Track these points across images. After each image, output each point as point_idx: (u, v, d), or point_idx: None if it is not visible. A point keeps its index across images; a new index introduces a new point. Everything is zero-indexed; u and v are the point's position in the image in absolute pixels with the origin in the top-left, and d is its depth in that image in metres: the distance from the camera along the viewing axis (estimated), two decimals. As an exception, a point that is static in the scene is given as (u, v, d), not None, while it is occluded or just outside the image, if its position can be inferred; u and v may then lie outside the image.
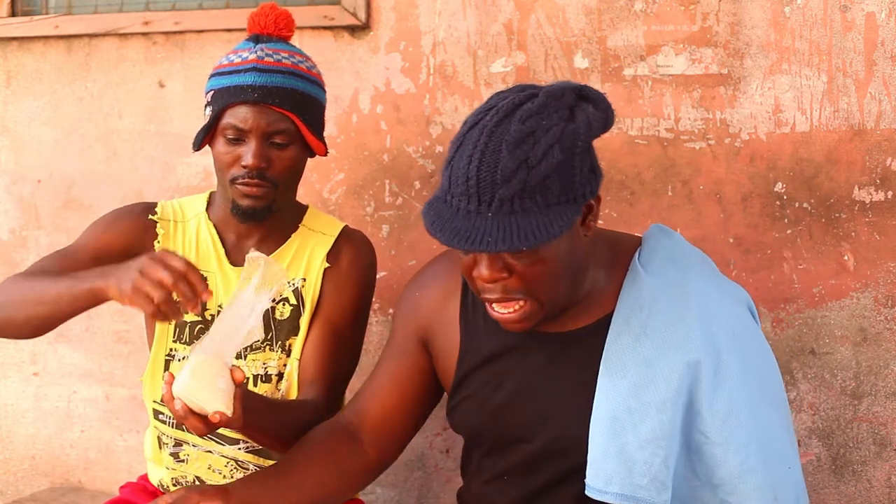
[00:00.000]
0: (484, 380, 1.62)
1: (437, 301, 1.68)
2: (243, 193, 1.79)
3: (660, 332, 1.50)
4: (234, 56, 1.83)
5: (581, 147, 1.40)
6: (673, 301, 1.52)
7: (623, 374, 1.49)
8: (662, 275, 1.56)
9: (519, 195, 1.36)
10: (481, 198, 1.37)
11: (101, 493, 2.55)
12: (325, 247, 1.91)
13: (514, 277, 1.43)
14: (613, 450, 1.47)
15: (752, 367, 1.53)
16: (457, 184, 1.39)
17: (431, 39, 2.30)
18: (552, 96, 1.41)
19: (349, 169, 2.37)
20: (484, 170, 1.36)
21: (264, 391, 1.87)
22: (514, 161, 1.35)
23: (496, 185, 1.36)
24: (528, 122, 1.37)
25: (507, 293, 1.45)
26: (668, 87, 2.15)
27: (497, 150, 1.36)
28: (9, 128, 2.66)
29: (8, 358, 2.68)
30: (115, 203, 2.55)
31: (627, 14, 2.16)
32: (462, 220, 1.38)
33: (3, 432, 2.72)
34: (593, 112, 1.42)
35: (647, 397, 1.47)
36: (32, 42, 2.61)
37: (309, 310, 1.88)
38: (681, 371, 1.47)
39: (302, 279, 1.89)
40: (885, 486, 2.09)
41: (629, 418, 1.47)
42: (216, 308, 1.88)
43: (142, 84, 2.53)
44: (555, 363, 1.57)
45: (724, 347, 1.50)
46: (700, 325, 1.50)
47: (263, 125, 1.77)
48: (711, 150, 2.13)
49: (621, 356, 1.50)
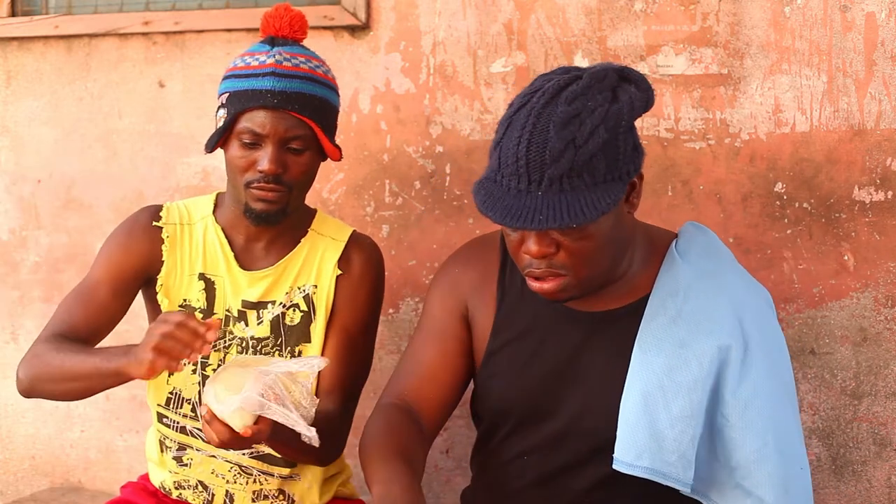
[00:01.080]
0: (515, 356, 1.66)
1: (475, 279, 1.72)
2: (258, 197, 1.78)
3: (694, 315, 1.55)
4: (251, 59, 1.81)
5: (625, 126, 1.46)
6: (707, 288, 1.58)
7: (658, 352, 1.54)
8: (697, 264, 1.62)
9: (567, 174, 1.41)
10: (531, 177, 1.42)
11: (101, 493, 2.56)
12: (335, 253, 1.90)
13: (561, 253, 1.49)
14: (644, 425, 1.51)
15: (774, 362, 1.58)
16: (507, 164, 1.44)
17: (431, 39, 2.30)
18: (596, 78, 1.47)
19: (349, 169, 2.37)
20: (533, 150, 1.42)
21: None
22: (562, 141, 1.41)
23: (545, 164, 1.41)
24: (574, 104, 1.43)
25: (553, 268, 1.50)
26: (668, 87, 2.15)
27: (545, 131, 1.42)
28: (9, 128, 2.66)
29: (8, 358, 2.68)
30: (115, 203, 2.56)
31: (627, 14, 2.16)
32: (513, 199, 1.43)
33: (3, 432, 2.72)
34: (635, 92, 1.49)
35: (679, 377, 1.52)
36: (32, 42, 2.61)
37: (322, 317, 1.88)
38: (712, 354, 1.52)
39: (313, 286, 1.89)
40: (885, 486, 2.09)
41: (662, 396, 1.51)
42: (223, 311, 1.88)
43: (142, 84, 2.53)
44: (589, 341, 1.61)
45: (752, 337, 1.55)
46: (732, 313, 1.55)
47: (281, 131, 1.76)
48: (711, 150, 2.13)
49: (656, 336, 1.55)
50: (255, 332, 1.87)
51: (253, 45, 1.86)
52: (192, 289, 1.88)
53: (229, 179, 1.85)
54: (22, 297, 2.66)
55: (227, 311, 1.88)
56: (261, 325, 1.87)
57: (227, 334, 1.87)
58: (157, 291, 1.88)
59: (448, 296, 1.73)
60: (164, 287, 1.88)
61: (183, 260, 1.89)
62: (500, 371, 1.67)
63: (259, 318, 1.87)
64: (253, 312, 1.87)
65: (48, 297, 2.63)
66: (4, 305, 2.68)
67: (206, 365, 1.87)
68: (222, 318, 1.81)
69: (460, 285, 1.73)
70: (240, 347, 1.87)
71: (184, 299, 1.88)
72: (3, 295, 2.68)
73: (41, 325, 2.61)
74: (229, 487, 1.87)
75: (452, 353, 1.70)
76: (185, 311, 1.57)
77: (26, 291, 2.65)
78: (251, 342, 1.87)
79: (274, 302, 1.87)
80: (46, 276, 2.63)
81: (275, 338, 1.87)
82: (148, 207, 1.95)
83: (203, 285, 1.88)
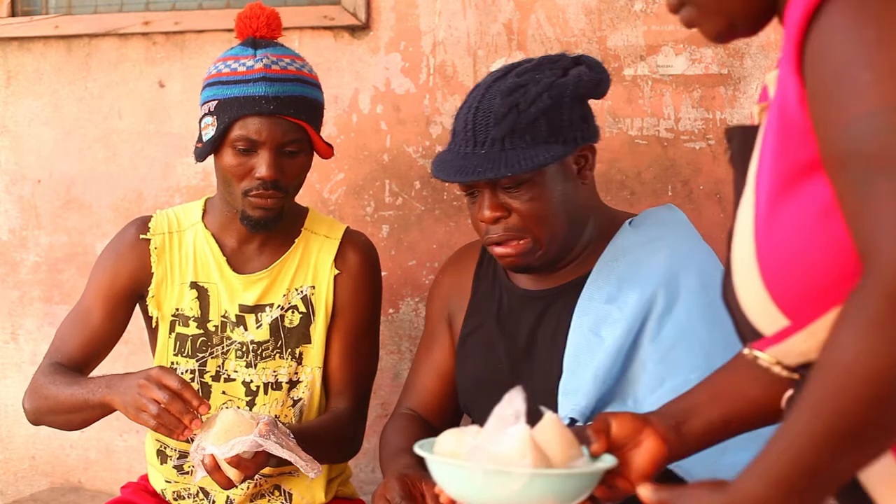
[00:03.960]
0: (481, 339, 1.74)
1: (456, 279, 1.83)
2: (256, 205, 1.77)
3: (626, 272, 1.60)
4: (236, 64, 1.78)
5: (570, 96, 1.56)
6: (648, 250, 1.62)
7: (587, 313, 1.60)
8: (647, 232, 1.66)
9: (510, 135, 1.53)
10: (477, 139, 1.55)
11: (101, 493, 2.55)
12: (330, 252, 1.90)
13: (513, 216, 1.58)
14: (572, 387, 1.56)
15: (712, 305, 1.50)
16: (458, 131, 1.59)
17: (431, 39, 2.30)
18: (549, 59, 1.61)
19: (349, 169, 2.37)
20: (479, 115, 1.55)
21: (275, 399, 1.87)
22: (506, 106, 1.54)
23: (489, 126, 1.54)
24: (522, 77, 1.57)
25: (508, 231, 1.59)
26: (668, 87, 2.15)
27: (492, 99, 1.56)
28: (9, 128, 2.66)
29: (8, 358, 2.68)
30: (114, 203, 2.56)
31: (627, 14, 2.16)
32: (461, 160, 1.56)
33: (3, 432, 2.72)
34: (586, 72, 1.59)
35: (604, 331, 1.57)
36: (32, 42, 2.61)
37: (322, 318, 1.88)
38: (635, 305, 1.56)
39: (310, 286, 1.88)
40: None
41: (588, 353, 1.56)
42: (218, 318, 1.87)
43: (142, 84, 2.53)
44: (542, 318, 1.68)
45: (686, 286, 1.56)
46: (667, 267, 1.58)
47: (279, 136, 1.74)
48: (711, 150, 2.13)
49: (589, 299, 1.61)
50: (254, 335, 1.86)
51: (232, 49, 1.82)
52: (183, 298, 1.87)
53: (222, 187, 1.82)
54: (22, 297, 2.66)
55: (224, 317, 1.87)
56: (260, 328, 1.86)
57: (224, 340, 1.87)
58: (147, 304, 1.88)
59: (436, 303, 1.87)
60: (156, 299, 1.87)
61: (173, 269, 1.88)
62: (469, 354, 1.76)
63: (258, 322, 1.86)
64: (251, 316, 1.87)
65: (48, 297, 2.63)
66: (4, 305, 2.68)
67: (203, 372, 1.87)
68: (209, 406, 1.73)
69: (444, 289, 1.85)
70: (240, 352, 1.86)
71: (176, 308, 1.87)
72: (3, 295, 2.67)
73: (41, 325, 2.63)
74: (230, 492, 1.87)
75: (440, 362, 1.83)
76: (183, 379, 1.58)
77: (26, 291, 2.65)
78: (251, 346, 1.86)
79: (272, 305, 1.87)
80: (46, 276, 2.63)
81: (275, 340, 1.87)
82: (135, 221, 1.93)
83: (195, 293, 1.87)
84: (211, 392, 1.87)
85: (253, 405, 1.86)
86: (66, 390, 1.74)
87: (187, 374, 1.86)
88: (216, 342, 1.86)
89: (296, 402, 1.89)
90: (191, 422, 1.55)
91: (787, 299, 0.91)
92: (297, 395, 1.89)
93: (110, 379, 1.67)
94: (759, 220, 0.94)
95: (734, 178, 1.04)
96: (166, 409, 1.55)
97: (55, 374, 1.79)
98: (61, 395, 1.74)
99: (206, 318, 1.87)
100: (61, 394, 1.74)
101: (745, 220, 0.96)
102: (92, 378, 1.75)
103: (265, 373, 1.86)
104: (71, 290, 2.58)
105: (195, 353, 1.86)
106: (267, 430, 1.52)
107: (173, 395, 1.55)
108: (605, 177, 2.18)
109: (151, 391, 1.56)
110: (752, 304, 0.95)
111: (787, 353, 0.95)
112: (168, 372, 1.58)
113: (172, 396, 1.55)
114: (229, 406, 1.84)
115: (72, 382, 1.74)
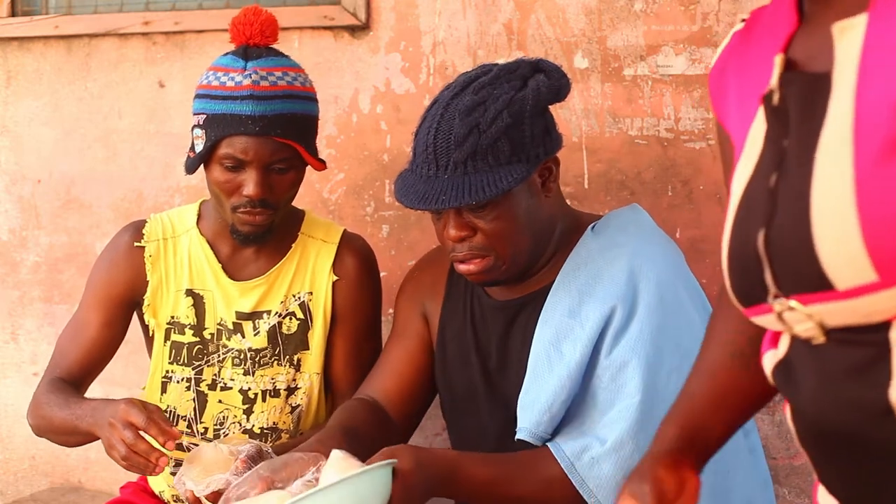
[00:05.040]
0: (456, 350, 1.74)
1: (430, 280, 1.83)
2: (244, 221, 1.76)
3: (588, 283, 1.59)
4: (225, 77, 1.74)
5: (531, 111, 1.52)
6: (609, 258, 1.60)
7: (549, 325, 1.58)
8: (608, 238, 1.64)
9: (471, 157, 1.50)
10: (439, 162, 1.52)
11: (101, 493, 2.55)
12: (328, 257, 1.89)
13: (478, 235, 1.57)
14: (530, 400, 1.55)
15: (663, 324, 1.54)
16: (418, 153, 1.56)
17: (431, 39, 2.30)
18: (506, 69, 1.56)
19: (349, 169, 2.37)
20: (440, 138, 1.52)
21: (273, 406, 1.86)
22: (466, 127, 1.50)
23: (451, 149, 1.51)
24: (480, 93, 1.53)
25: (473, 250, 1.58)
26: (668, 87, 2.15)
27: (451, 119, 1.52)
28: (9, 128, 2.66)
29: (8, 358, 2.68)
30: (114, 203, 2.56)
31: (627, 14, 2.16)
32: (423, 184, 1.53)
33: (3, 432, 2.72)
34: (544, 80, 1.54)
35: (563, 346, 1.56)
36: (32, 42, 2.61)
37: (320, 324, 1.87)
38: (595, 318, 1.55)
39: (308, 293, 1.87)
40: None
41: (547, 366, 1.55)
42: (214, 325, 1.86)
43: (142, 84, 2.53)
44: (509, 329, 1.68)
45: (644, 299, 1.55)
46: (628, 277, 1.57)
47: (266, 156, 1.72)
48: (711, 150, 2.13)
49: (551, 311, 1.60)
50: (252, 343, 1.85)
51: (224, 58, 1.79)
52: (179, 305, 1.86)
53: (214, 200, 1.81)
54: (22, 297, 2.66)
55: (220, 325, 1.86)
56: (258, 335, 1.86)
57: (220, 348, 1.86)
58: (143, 312, 1.87)
59: (410, 297, 1.84)
60: (151, 307, 1.86)
61: (168, 276, 1.87)
62: (446, 366, 1.76)
63: (255, 329, 1.86)
64: (248, 323, 1.86)
65: (48, 297, 2.63)
66: (4, 305, 2.68)
67: (200, 381, 1.87)
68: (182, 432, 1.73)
69: (420, 286, 1.84)
70: (237, 359, 1.86)
71: (172, 316, 1.86)
72: (3, 295, 2.68)
73: (41, 325, 2.63)
74: None
75: (415, 350, 1.80)
76: (152, 415, 1.53)
77: (26, 291, 2.65)
78: (249, 353, 1.85)
79: (269, 311, 1.86)
80: (46, 276, 2.63)
81: (273, 348, 1.86)
82: (129, 227, 1.91)
83: (191, 301, 1.86)
84: (207, 401, 1.86)
85: (251, 413, 1.86)
86: (60, 413, 1.71)
87: (183, 382, 1.85)
88: (212, 350, 1.86)
89: (294, 408, 1.89)
90: (157, 459, 1.50)
91: (885, 255, 0.86)
92: (296, 402, 1.88)
93: (95, 407, 1.63)
94: (863, 168, 0.87)
95: (787, 129, 0.96)
96: (132, 450, 1.51)
97: (51, 394, 1.76)
98: (55, 418, 1.72)
99: (202, 326, 1.85)
100: (55, 417, 1.72)
101: (832, 168, 0.89)
102: (82, 402, 1.70)
103: (263, 380, 1.86)
104: (71, 290, 2.58)
105: (191, 361, 1.86)
106: (244, 467, 1.49)
107: (137, 435, 1.51)
108: (604, 177, 2.18)
109: (118, 431, 1.52)
110: (837, 255, 0.89)
111: (851, 311, 0.90)
112: (134, 407, 1.53)
113: (137, 436, 1.51)
114: (226, 414, 1.84)
115: (64, 405, 1.71)
